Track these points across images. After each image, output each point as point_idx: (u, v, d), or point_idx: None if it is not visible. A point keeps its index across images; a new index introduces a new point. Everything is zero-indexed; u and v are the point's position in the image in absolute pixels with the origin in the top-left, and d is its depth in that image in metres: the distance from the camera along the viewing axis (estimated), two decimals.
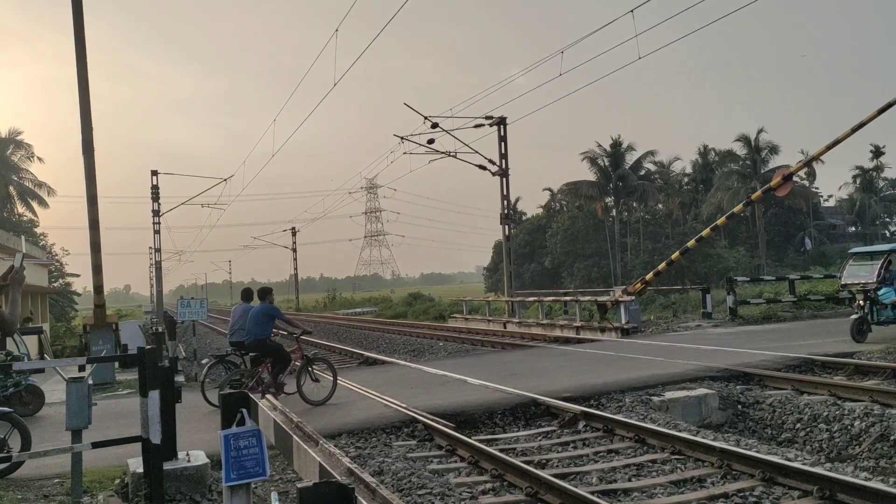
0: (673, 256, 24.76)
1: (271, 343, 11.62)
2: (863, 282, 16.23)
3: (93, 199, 16.15)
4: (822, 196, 72.97)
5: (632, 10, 20.22)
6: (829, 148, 20.83)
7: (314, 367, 11.91)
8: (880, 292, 15.87)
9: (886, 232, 71.20)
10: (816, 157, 21.24)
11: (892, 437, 8.52)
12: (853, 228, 74.16)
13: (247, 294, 12.86)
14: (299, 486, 2.61)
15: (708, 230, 25.02)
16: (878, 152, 68.21)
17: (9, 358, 11.27)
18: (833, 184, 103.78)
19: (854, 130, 20.05)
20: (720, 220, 25.02)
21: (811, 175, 67.54)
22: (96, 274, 16.86)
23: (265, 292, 12.25)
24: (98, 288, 17.28)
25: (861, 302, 15.88)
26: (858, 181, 70.66)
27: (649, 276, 24.36)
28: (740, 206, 26.39)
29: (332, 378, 12.00)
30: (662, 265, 24.77)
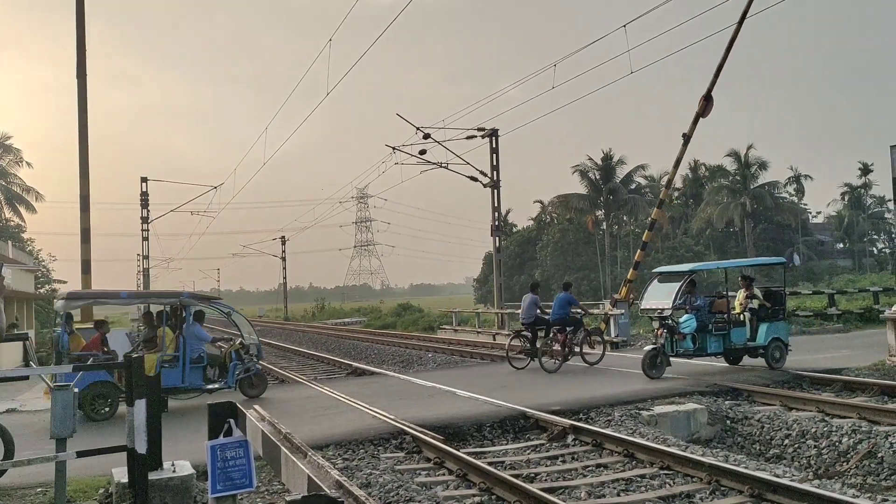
0: (644, 237, 24.10)
1: (570, 319, 16.21)
2: (661, 307, 13.97)
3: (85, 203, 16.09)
4: (810, 212, 73.59)
5: (624, 26, 20.39)
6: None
7: (591, 338, 17.07)
8: (681, 320, 13.84)
9: (874, 248, 71.78)
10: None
11: (879, 455, 8.54)
12: (841, 245, 74.70)
13: (534, 287, 17.24)
14: (288, 499, 2.58)
15: (667, 193, 24.22)
16: (866, 170, 68.88)
17: (242, 349, 13.61)
18: (822, 200, 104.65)
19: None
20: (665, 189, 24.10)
21: (800, 192, 68.13)
22: (85, 243, 16.92)
23: (568, 285, 17.41)
24: (86, 265, 17.29)
25: (658, 330, 13.78)
26: (847, 198, 71.25)
27: (630, 273, 24.19)
28: (683, 148, 22.16)
29: (602, 347, 16.85)
30: (639, 253, 24.33)
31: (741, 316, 14.43)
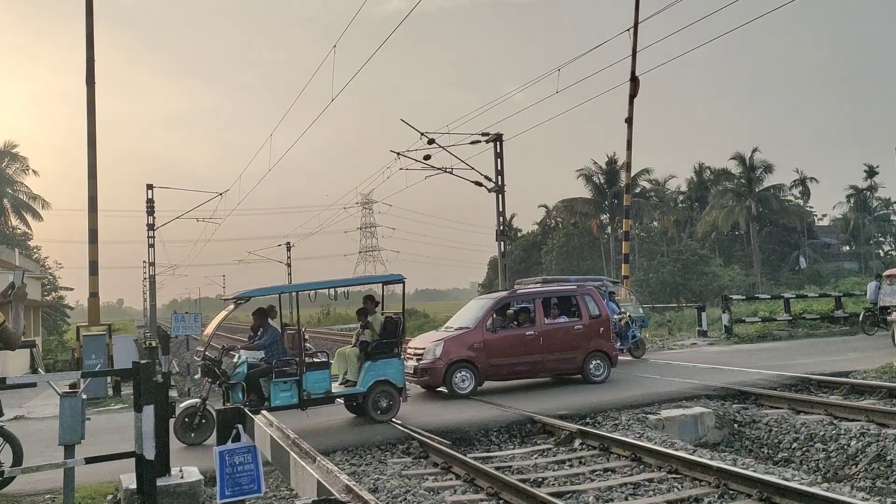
0: (624, 227, 24.86)
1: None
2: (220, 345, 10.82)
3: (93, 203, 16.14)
4: (816, 215, 73.26)
5: (628, 30, 20.42)
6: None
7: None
8: (238, 361, 10.30)
9: (880, 251, 71.46)
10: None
11: (888, 457, 8.50)
12: (847, 248, 74.43)
13: (878, 276, 21.10)
14: (299, 503, 2.58)
15: (628, 177, 24.60)
16: (871, 172, 68.61)
17: (631, 320, 17.70)
18: (827, 203, 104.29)
19: None
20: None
21: (806, 194, 67.94)
22: (92, 244, 17.05)
23: (878, 276, 20.74)
24: (93, 265, 17.36)
25: (204, 380, 10.34)
26: (852, 200, 70.96)
27: (623, 269, 24.26)
28: (629, 130, 22.50)
29: None
30: (625, 245, 24.63)
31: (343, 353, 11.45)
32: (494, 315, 13.86)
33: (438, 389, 13.50)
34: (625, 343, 17.38)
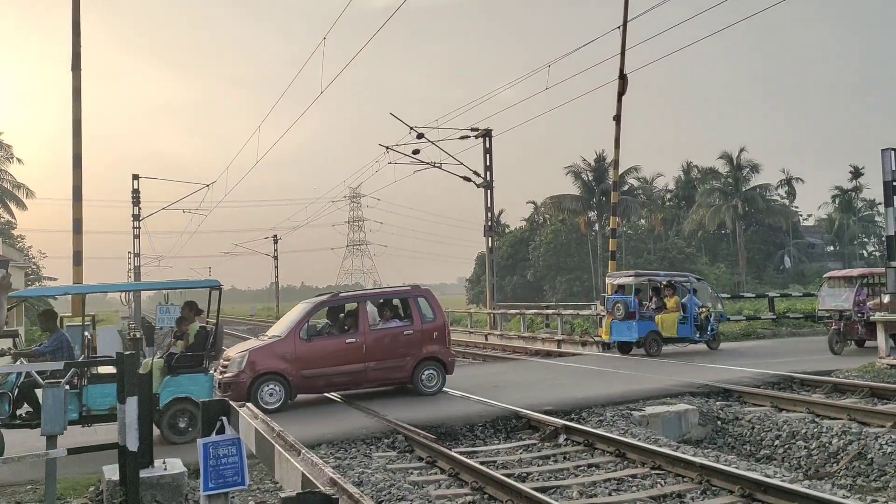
0: (611, 224, 25.10)
1: None
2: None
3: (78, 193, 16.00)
4: (801, 215, 73.91)
5: (618, 27, 20.45)
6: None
7: None
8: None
9: (864, 251, 72.13)
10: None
11: (869, 456, 8.58)
12: (831, 248, 75.12)
13: None
14: (282, 496, 2.58)
15: (616, 174, 25.13)
16: (857, 173, 69.23)
17: (710, 315, 18.37)
18: (813, 203, 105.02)
19: None
20: None
21: (791, 194, 68.48)
22: (77, 234, 16.95)
23: None
24: (77, 256, 17.30)
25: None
26: (837, 201, 71.60)
27: (610, 266, 24.44)
28: (617, 129, 22.98)
29: None
30: (612, 242, 24.89)
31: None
32: (310, 321, 12.43)
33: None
34: (703, 336, 18.20)
